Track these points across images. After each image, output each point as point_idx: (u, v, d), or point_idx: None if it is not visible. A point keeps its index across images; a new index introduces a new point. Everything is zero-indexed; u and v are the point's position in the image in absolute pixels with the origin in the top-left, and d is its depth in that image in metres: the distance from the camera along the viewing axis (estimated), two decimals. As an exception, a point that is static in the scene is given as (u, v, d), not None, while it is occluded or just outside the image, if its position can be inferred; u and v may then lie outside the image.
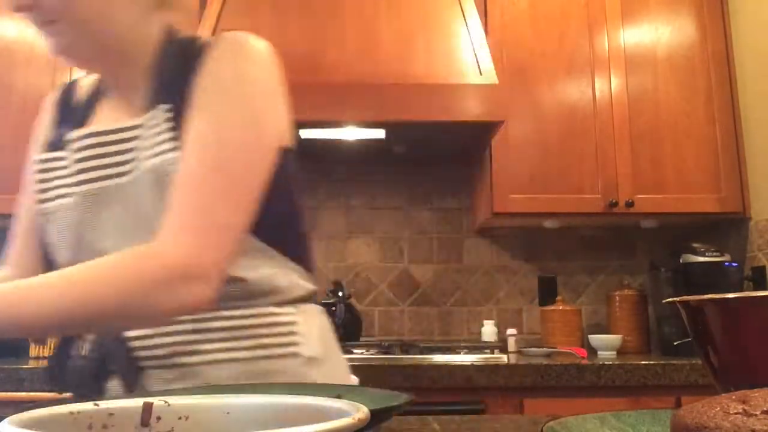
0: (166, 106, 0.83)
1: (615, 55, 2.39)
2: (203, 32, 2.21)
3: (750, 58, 2.34)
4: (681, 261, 2.24)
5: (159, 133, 0.82)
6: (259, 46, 0.86)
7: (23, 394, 1.79)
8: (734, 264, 2.23)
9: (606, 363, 1.88)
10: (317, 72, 2.13)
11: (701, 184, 2.33)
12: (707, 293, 0.54)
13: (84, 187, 0.85)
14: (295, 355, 0.86)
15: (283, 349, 0.86)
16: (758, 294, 0.49)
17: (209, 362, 0.83)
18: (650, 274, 2.47)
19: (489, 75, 2.12)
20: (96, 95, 0.95)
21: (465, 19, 2.25)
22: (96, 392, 0.83)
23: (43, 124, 0.99)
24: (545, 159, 2.31)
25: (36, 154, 0.94)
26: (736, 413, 0.38)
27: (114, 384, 0.85)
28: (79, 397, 0.83)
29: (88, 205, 0.84)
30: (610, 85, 2.37)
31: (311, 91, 2.06)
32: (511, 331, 2.45)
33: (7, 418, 0.38)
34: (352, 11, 2.25)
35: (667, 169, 2.33)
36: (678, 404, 1.84)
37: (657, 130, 2.36)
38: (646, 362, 1.88)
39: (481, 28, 2.24)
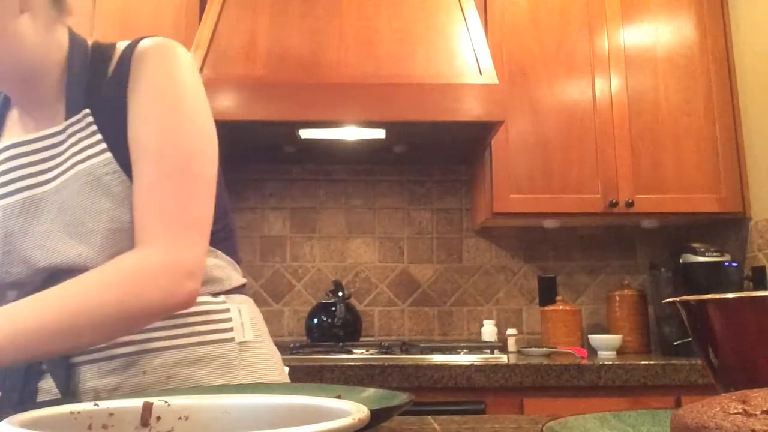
0: (87, 111, 0.85)
1: (615, 55, 2.39)
2: (203, 32, 2.21)
3: (750, 58, 2.34)
4: (681, 261, 2.24)
5: (83, 138, 0.84)
6: (181, 50, 0.89)
7: (23, 394, 1.78)
8: (734, 264, 2.23)
9: (606, 363, 1.88)
10: (317, 72, 2.13)
11: (701, 184, 2.32)
12: (707, 293, 0.54)
13: (8, 200, 0.84)
14: (230, 340, 0.90)
15: (218, 335, 0.89)
16: (758, 294, 0.49)
17: (148, 351, 0.84)
18: (650, 274, 2.47)
19: (489, 75, 2.12)
20: (1, 109, 0.95)
21: (465, 19, 2.25)
22: (28, 393, 0.83)
23: None
24: (545, 159, 2.31)
25: None
26: (736, 413, 0.38)
27: (48, 384, 0.84)
28: (8, 400, 0.83)
29: (14, 216, 0.84)
30: (610, 85, 2.37)
31: (311, 91, 2.05)
32: (511, 331, 2.45)
33: (7, 419, 0.38)
34: (352, 11, 2.25)
35: (667, 169, 2.33)
36: (678, 404, 1.84)
37: (657, 130, 2.36)
38: (646, 362, 1.88)
39: (481, 28, 2.24)
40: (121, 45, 0.91)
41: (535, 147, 2.31)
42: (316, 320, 2.40)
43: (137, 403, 0.48)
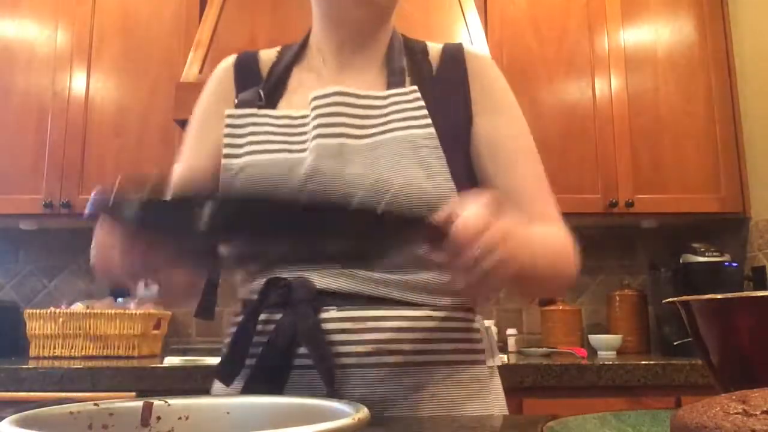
0: (414, 87, 0.88)
1: (615, 55, 2.39)
2: (203, 32, 2.21)
3: (750, 58, 2.34)
4: (681, 261, 2.24)
5: (408, 109, 0.86)
6: None
7: (23, 394, 1.79)
8: (734, 264, 2.23)
9: (606, 363, 1.88)
10: (317, 72, 2.13)
11: (701, 184, 2.32)
12: (707, 293, 0.54)
13: (324, 141, 0.83)
14: (481, 362, 0.86)
15: (473, 356, 0.85)
16: (758, 294, 0.49)
17: (414, 363, 0.79)
18: (650, 274, 2.47)
19: (489, 75, 2.12)
20: (290, 65, 0.96)
21: (465, 19, 2.25)
22: (278, 384, 0.78)
23: (222, 87, 0.98)
24: (545, 159, 2.28)
25: (218, 113, 0.93)
26: (736, 413, 0.38)
27: (298, 376, 0.79)
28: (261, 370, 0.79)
29: (327, 157, 0.82)
30: (610, 85, 2.37)
31: (311, 91, 2.05)
32: (511, 331, 2.45)
33: (7, 419, 0.38)
34: (352, 11, 2.25)
35: (667, 169, 2.33)
36: (678, 404, 1.84)
37: (657, 130, 2.36)
38: (646, 362, 1.88)
39: (481, 28, 2.23)
40: (432, 44, 0.98)
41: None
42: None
43: (137, 403, 0.48)
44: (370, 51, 0.94)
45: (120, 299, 2.36)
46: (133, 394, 1.79)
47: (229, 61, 1.01)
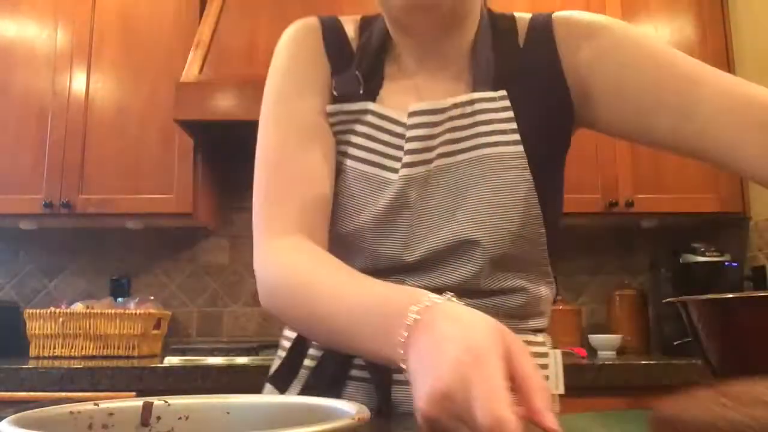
0: (503, 93, 0.78)
1: (615, 55, 2.39)
2: (203, 32, 2.21)
3: (750, 58, 2.34)
4: (681, 261, 2.24)
5: (495, 120, 0.77)
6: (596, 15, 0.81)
7: (23, 394, 1.79)
8: (734, 264, 2.23)
9: (606, 363, 1.88)
10: (317, 72, 2.12)
11: (701, 184, 2.32)
12: (707, 293, 0.54)
13: (410, 170, 0.76)
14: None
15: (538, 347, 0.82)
16: (758, 294, 0.49)
17: None
18: (650, 274, 2.47)
19: (489, 75, 2.12)
20: (379, 52, 0.85)
21: (465, 19, 2.25)
22: (334, 394, 0.74)
23: (314, 56, 0.84)
24: (545, 159, 2.30)
25: (317, 101, 0.81)
26: (714, 405, 0.38)
27: (353, 389, 0.77)
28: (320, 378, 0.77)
29: (415, 187, 0.76)
30: (610, 85, 2.37)
31: (311, 91, 2.05)
32: (511, 331, 2.45)
33: (7, 418, 0.38)
34: (353, 11, 2.24)
35: (667, 169, 2.33)
36: (678, 404, 1.84)
37: (657, 130, 2.35)
38: (646, 362, 1.88)
39: (481, 28, 2.23)
40: (519, 16, 0.84)
41: (535, 147, 2.31)
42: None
43: (137, 402, 0.48)
44: (452, 48, 0.82)
45: (120, 299, 2.36)
46: (133, 394, 1.79)
47: (312, 24, 0.87)
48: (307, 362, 0.79)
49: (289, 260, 0.70)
